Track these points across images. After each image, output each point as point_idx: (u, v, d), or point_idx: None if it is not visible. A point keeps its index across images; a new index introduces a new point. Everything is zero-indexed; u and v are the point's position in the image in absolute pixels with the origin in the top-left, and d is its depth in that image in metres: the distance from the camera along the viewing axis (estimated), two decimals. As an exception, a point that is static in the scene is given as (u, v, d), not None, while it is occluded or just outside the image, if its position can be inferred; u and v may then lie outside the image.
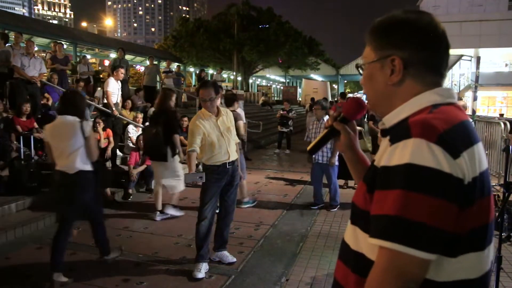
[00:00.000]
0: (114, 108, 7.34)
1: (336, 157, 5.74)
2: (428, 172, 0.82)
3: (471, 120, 1.04)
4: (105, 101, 7.59)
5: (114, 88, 7.40)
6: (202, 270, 3.56)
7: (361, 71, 1.08)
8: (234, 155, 3.72)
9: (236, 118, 4.63)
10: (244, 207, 5.73)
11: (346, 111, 1.20)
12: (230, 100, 5.98)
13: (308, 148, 1.31)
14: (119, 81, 7.54)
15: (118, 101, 7.70)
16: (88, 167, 3.45)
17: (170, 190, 5.28)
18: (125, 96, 8.60)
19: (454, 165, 0.83)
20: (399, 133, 0.91)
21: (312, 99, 16.32)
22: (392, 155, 0.88)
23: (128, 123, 7.69)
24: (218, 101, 3.72)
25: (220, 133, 3.61)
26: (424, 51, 0.97)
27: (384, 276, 0.85)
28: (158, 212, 5.18)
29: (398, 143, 0.88)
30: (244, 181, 5.71)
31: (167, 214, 5.19)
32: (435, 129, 0.85)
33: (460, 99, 7.25)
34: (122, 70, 7.59)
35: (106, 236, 3.72)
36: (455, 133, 0.87)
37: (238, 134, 4.19)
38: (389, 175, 0.87)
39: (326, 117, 5.85)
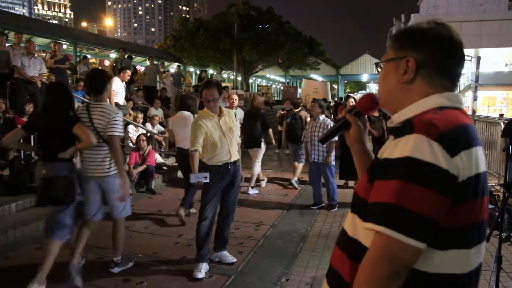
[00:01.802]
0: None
1: (332, 157, 5.74)
2: (425, 166, 0.88)
3: (473, 125, 1.06)
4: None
5: (118, 88, 7.37)
6: (202, 270, 3.56)
7: (379, 69, 1.15)
8: (236, 155, 3.71)
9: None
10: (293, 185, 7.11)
11: (360, 106, 1.25)
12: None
13: (320, 138, 1.38)
14: (124, 82, 7.52)
15: (123, 102, 7.66)
16: None
17: (253, 170, 6.84)
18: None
19: (451, 163, 0.89)
20: (403, 129, 0.97)
21: (314, 100, 16.28)
22: (394, 148, 0.94)
23: (128, 123, 7.68)
24: (221, 102, 3.73)
25: (222, 133, 3.61)
26: (438, 56, 1.03)
27: (376, 259, 0.91)
28: (250, 187, 6.72)
29: (401, 138, 0.95)
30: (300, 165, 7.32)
31: (256, 192, 6.70)
32: (436, 127, 0.91)
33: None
34: (129, 72, 7.59)
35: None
36: (456, 134, 0.92)
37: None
38: (389, 166, 0.93)
39: (322, 117, 5.85)
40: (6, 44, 8.16)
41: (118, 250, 3.67)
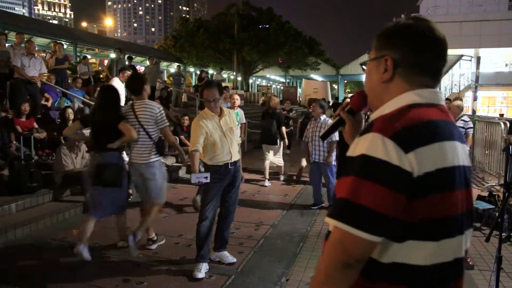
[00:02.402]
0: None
1: (334, 157, 5.75)
2: (378, 163, 0.92)
3: (452, 121, 1.08)
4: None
5: (118, 88, 7.29)
6: (202, 270, 3.56)
7: (364, 67, 1.19)
8: (236, 155, 3.71)
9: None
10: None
11: (352, 103, 1.30)
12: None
13: (321, 134, 1.46)
14: (124, 83, 7.47)
15: (123, 103, 7.58)
16: None
17: (278, 163, 7.62)
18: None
19: (404, 159, 0.92)
20: (367, 127, 1.02)
21: (314, 100, 16.28)
22: (355, 146, 1.00)
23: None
24: (221, 102, 3.73)
25: (222, 133, 3.61)
26: (415, 54, 1.05)
27: (331, 251, 0.96)
28: (267, 180, 7.28)
29: (362, 136, 1.00)
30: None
31: (270, 183, 7.30)
32: (393, 125, 0.95)
33: (460, 99, 7.23)
34: (128, 72, 7.56)
35: None
36: (413, 131, 0.95)
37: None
38: (348, 164, 0.99)
39: (323, 117, 5.86)
40: (6, 44, 8.17)
41: (141, 229, 4.04)
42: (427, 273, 0.97)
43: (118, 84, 7.31)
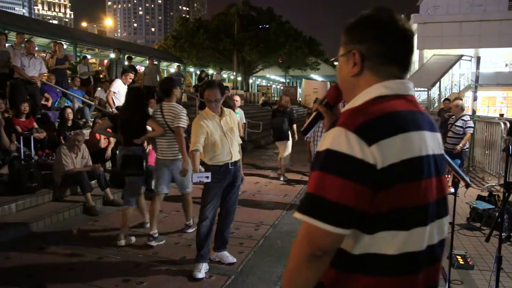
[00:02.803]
0: (113, 108, 7.30)
1: None
2: (341, 157, 0.94)
3: (419, 110, 1.08)
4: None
5: (120, 90, 7.24)
6: (202, 270, 3.56)
7: (336, 64, 1.21)
8: (236, 155, 3.70)
9: None
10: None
11: (328, 97, 1.32)
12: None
13: (302, 129, 1.48)
14: (126, 85, 7.43)
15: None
16: None
17: (284, 160, 7.85)
18: None
19: (367, 151, 0.93)
20: (335, 122, 1.02)
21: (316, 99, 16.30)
22: (323, 141, 1.01)
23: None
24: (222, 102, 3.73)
25: (223, 133, 3.60)
26: (379, 44, 1.05)
27: (300, 243, 0.99)
28: (282, 175, 7.80)
29: (328, 131, 1.02)
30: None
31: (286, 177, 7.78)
32: (355, 119, 0.97)
33: (460, 99, 7.23)
34: (131, 75, 7.54)
35: None
36: (376, 123, 0.96)
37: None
38: (315, 158, 1.01)
39: None
40: (6, 44, 8.16)
41: (189, 215, 4.69)
42: (398, 262, 0.99)
43: (120, 85, 7.29)
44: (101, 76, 14.06)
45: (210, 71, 31.10)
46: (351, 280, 1.00)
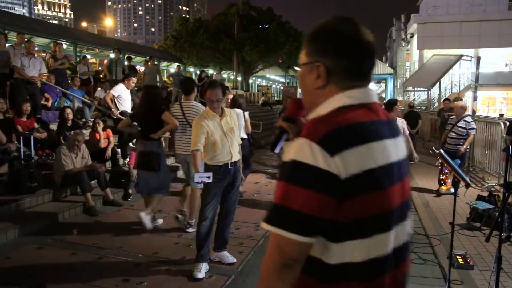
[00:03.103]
0: (113, 109, 7.29)
1: None
2: (305, 168, 0.95)
3: (381, 118, 1.08)
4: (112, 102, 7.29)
5: (123, 94, 7.18)
6: (202, 270, 3.56)
7: (297, 69, 1.19)
8: (236, 155, 3.71)
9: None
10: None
11: (288, 112, 1.30)
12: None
13: (269, 146, 1.44)
14: (129, 89, 7.39)
15: (130, 109, 7.46)
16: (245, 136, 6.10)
17: None
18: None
19: (331, 162, 0.94)
20: (299, 132, 1.04)
21: None
22: (288, 152, 1.02)
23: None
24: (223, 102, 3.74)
25: (223, 133, 3.61)
26: (344, 59, 1.05)
27: (270, 252, 1.00)
28: None
29: (293, 142, 1.02)
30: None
31: None
32: (319, 130, 0.98)
33: (460, 99, 7.23)
34: (134, 79, 7.50)
35: None
36: (339, 134, 0.97)
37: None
38: (281, 169, 1.02)
39: None
40: (6, 44, 8.16)
41: (193, 214, 4.69)
42: (364, 268, 1.01)
43: (123, 90, 7.25)
44: (101, 76, 14.07)
45: (210, 71, 31.07)
46: None
